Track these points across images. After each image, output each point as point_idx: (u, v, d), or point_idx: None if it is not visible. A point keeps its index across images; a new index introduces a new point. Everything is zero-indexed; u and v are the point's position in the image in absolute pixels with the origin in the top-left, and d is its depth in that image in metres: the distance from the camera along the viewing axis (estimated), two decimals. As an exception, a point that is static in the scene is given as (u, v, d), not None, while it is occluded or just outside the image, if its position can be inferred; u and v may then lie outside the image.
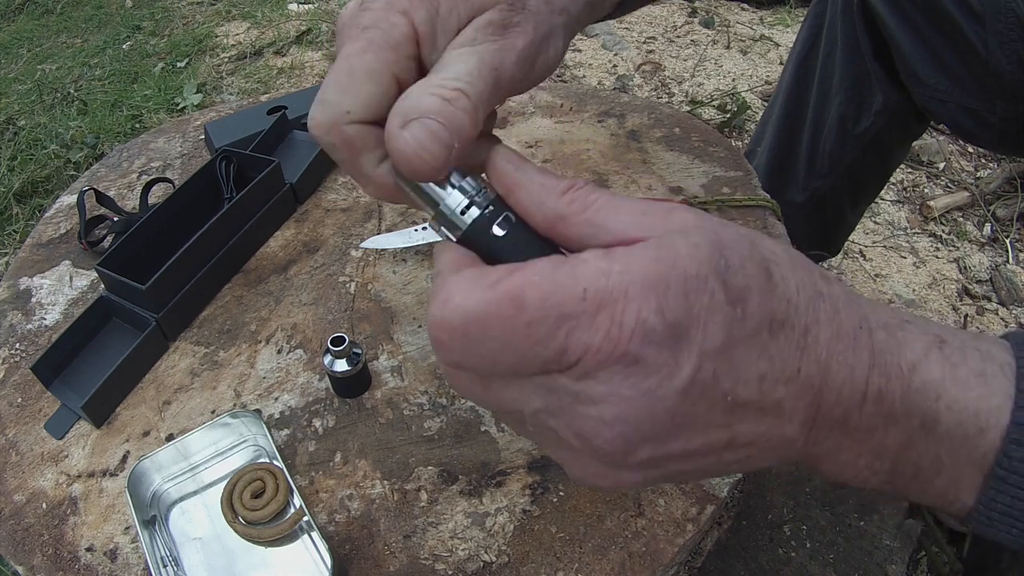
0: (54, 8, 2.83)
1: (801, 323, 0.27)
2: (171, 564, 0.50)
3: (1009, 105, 0.85)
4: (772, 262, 0.28)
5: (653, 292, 0.24)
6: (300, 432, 0.58)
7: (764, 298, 0.26)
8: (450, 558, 0.50)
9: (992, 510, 0.30)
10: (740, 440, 0.28)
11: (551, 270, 0.25)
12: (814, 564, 0.93)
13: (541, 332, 0.25)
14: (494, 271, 0.26)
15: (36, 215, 1.75)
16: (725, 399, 0.27)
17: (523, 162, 0.30)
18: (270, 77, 2.23)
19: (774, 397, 0.27)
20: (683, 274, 0.25)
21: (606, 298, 0.24)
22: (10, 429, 0.61)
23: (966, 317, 1.43)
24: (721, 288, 0.25)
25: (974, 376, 0.29)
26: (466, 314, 0.25)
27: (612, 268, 0.25)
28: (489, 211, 0.30)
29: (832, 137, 1.05)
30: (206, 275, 0.69)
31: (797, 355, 0.27)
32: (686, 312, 0.25)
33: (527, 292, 0.25)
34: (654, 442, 0.27)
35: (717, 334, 0.25)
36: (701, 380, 0.26)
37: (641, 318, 0.24)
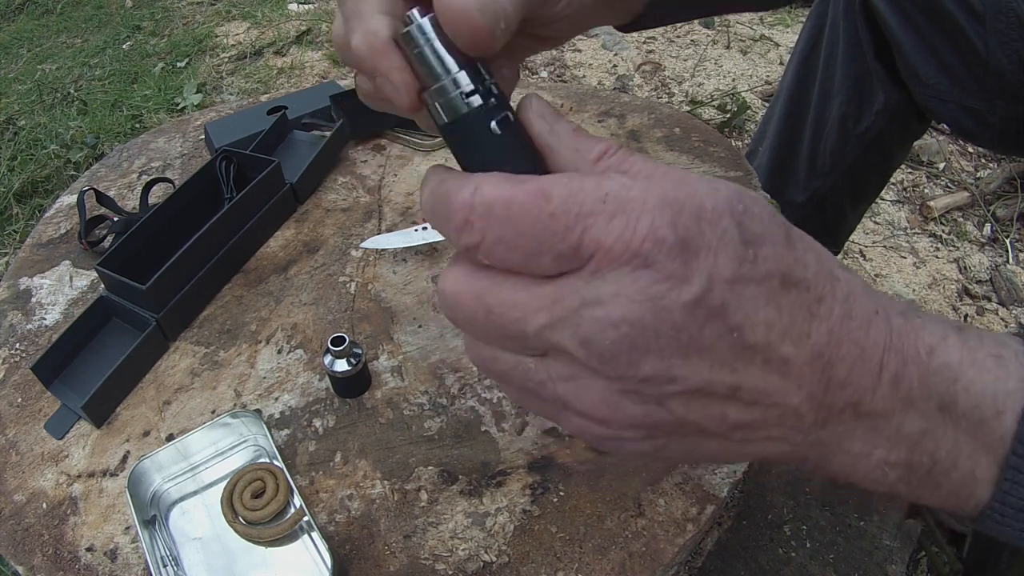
0: (54, 8, 2.83)
1: (815, 290, 0.28)
2: (171, 564, 0.50)
3: (1009, 105, 0.85)
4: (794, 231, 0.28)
5: (669, 208, 0.26)
6: (300, 432, 0.58)
7: (779, 249, 0.27)
8: (450, 558, 0.50)
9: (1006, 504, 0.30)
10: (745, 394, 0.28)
11: (579, 176, 0.27)
12: (814, 564, 0.93)
13: (561, 224, 0.26)
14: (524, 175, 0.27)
15: (36, 215, 1.75)
16: (731, 334, 0.27)
17: (556, 120, 0.30)
18: (270, 77, 2.23)
19: (781, 352, 0.27)
20: (699, 204, 0.26)
21: (624, 205, 0.26)
22: (10, 429, 0.61)
23: (966, 317, 1.43)
24: (735, 227, 0.26)
25: (991, 359, 0.29)
26: (496, 197, 0.27)
27: (634, 183, 0.26)
28: (492, 104, 0.29)
29: (833, 136, 1.06)
30: (206, 275, 0.69)
31: (808, 318, 0.28)
32: (698, 234, 0.26)
33: (554, 188, 0.26)
34: (658, 355, 0.27)
35: (727, 265, 0.26)
36: (709, 302, 0.26)
37: (654, 226, 0.25)
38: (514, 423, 0.57)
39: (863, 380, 0.29)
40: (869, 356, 0.29)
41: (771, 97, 1.19)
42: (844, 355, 0.28)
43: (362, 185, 0.83)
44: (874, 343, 0.29)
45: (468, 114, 0.29)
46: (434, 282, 0.70)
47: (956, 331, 0.30)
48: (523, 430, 0.56)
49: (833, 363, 0.28)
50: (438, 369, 0.62)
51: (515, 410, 0.58)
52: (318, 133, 0.89)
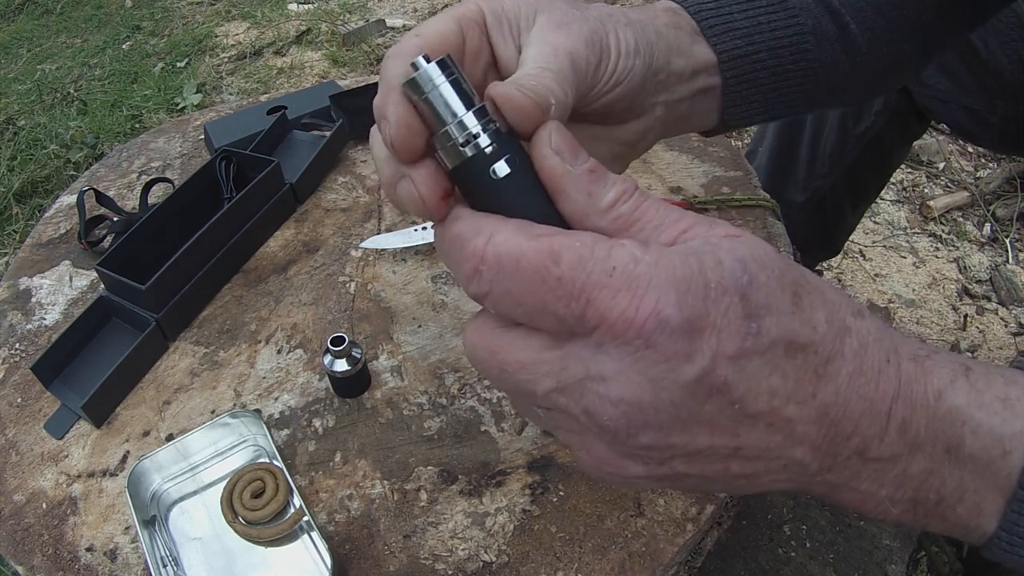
0: (54, 8, 2.83)
1: (824, 352, 0.28)
2: (171, 564, 0.50)
3: (1009, 105, 0.85)
4: (803, 288, 0.28)
5: (674, 288, 0.26)
6: (300, 432, 0.58)
7: (783, 319, 0.27)
8: (450, 558, 0.50)
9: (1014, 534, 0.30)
10: (747, 452, 0.29)
11: (591, 241, 0.27)
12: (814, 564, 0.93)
13: (566, 290, 0.26)
14: (537, 225, 0.27)
15: (36, 215, 1.75)
16: (733, 406, 0.27)
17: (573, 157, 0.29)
18: (270, 77, 2.23)
19: (784, 415, 0.28)
20: (705, 281, 0.26)
21: (631, 281, 0.26)
22: (10, 429, 0.61)
23: (966, 317, 1.43)
24: (740, 301, 0.26)
25: (999, 401, 0.30)
26: (507, 251, 0.27)
27: (643, 258, 0.26)
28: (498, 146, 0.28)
29: (833, 137, 1.06)
30: (206, 275, 0.69)
31: (813, 380, 0.28)
32: (702, 314, 0.26)
33: (565, 251, 0.26)
34: (657, 430, 0.28)
35: (731, 342, 0.26)
36: (710, 381, 0.26)
37: (658, 307, 0.26)
38: (514, 423, 0.57)
39: (870, 430, 0.29)
40: (878, 408, 0.29)
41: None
42: (851, 410, 0.29)
43: (362, 185, 0.83)
44: (883, 394, 0.29)
45: (475, 156, 0.28)
46: (433, 282, 0.70)
47: (964, 372, 0.30)
48: (523, 430, 0.56)
49: (839, 419, 0.29)
50: (438, 369, 0.62)
51: (515, 410, 0.58)
52: (318, 133, 0.89)
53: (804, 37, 0.49)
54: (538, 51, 0.33)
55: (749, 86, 0.48)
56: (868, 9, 0.51)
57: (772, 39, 0.48)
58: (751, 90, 0.49)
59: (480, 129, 0.28)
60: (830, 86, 0.52)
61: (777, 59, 0.48)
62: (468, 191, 0.30)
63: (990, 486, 0.30)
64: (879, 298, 1.48)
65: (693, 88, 0.46)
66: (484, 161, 0.28)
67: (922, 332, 1.41)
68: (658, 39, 0.42)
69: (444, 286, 0.69)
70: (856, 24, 0.50)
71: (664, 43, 0.43)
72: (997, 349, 1.38)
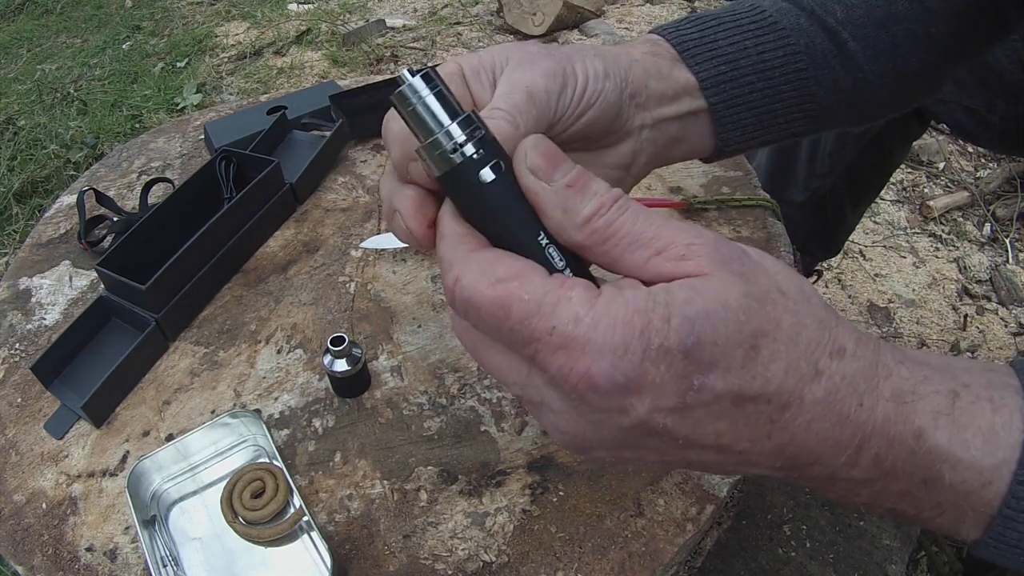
0: (54, 8, 2.83)
1: (779, 401, 0.28)
2: (171, 564, 0.50)
3: (1009, 105, 0.85)
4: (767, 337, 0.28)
5: (610, 353, 0.26)
6: (300, 432, 0.58)
7: (731, 374, 0.27)
8: (450, 558, 0.50)
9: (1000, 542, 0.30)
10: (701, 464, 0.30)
11: (541, 295, 0.28)
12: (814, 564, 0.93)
13: (516, 339, 0.28)
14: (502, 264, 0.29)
15: (36, 215, 1.75)
16: (677, 441, 0.29)
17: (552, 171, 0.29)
18: (270, 77, 2.23)
19: (736, 449, 0.29)
20: (645, 343, 0.26)
21: (568, 343, 0.27)
22: (10, 429, 0.61)
23: (966, 317, 1.43)
24: (682, 360, 0.27)
25: (982, 435, 0.30)
26: (469, 298, 0.29)
27: (584, 318, 0.27)
28: (482, 155, 0.29)
29: (832, 137, 1.06)
30: (206, 275, 0.69)
31: (767, 425, 0.28)
32: (638, 375, 0.27)
33: (513, 306, 0.28)
34: (607, 450, 0.30)
35: (670, 397, 0.27)
36: (649, 427, 0.28)
37: (589, 372, 0.27)
38: (514, 423, 0.57)
39: (836, 461, 0.29)
40: (842, 447, 0.29)
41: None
42: (811, 448, 0.29)
43: (362, 185, 0.83)
44: (849, 436, 0.29)
45: (461, 164, 0.29)
46: (433, 282, 0.70)
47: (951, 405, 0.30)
48: (523, 430, 0.56)
49: (798, 454, 0.29)
50: (438, 369, 0.62)
51: (515, 410, 0.58)
52: (318, 133, 0.89)
53: (797, 57, 0.49)
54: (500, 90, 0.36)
55: (741, 109, 0.49)
56: (870, 25, 0.50)
57: (760, 61, 0.48)
58: (743, 112, 0.49)
59: (465, 138, 0.29)
60: (833, 105, 0.52)
61: (767, 81, 0.49)
62: (455, 198, 0.31)
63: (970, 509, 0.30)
64: (879, 298, 1.48)
65: (680, 110, 0.47)
66: (469, 168, 0.29)
67: (922, 332, 1.41)
68: (632, 65, 0.43)
69: (444, 286, 0.69)
70: (855, 41, 0.50)
71: (640, 68, 0.44)
72: (997, 349, 1.38)
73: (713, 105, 0.48)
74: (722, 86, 0.47)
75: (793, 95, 0.50)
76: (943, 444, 0.29)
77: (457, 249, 0.30)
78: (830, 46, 0.50)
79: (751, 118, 0.49)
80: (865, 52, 0.51)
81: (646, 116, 0.45)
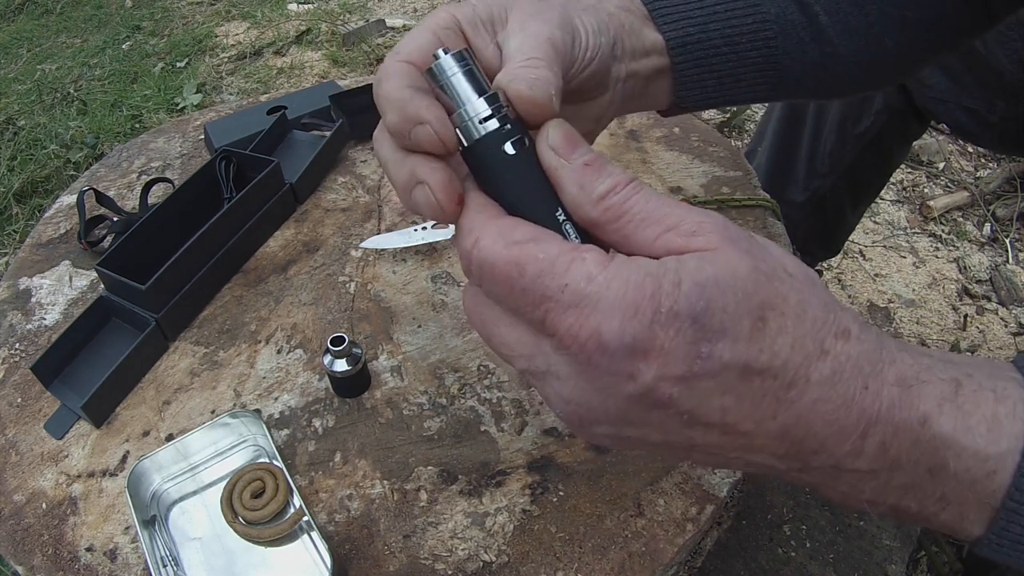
0: (54, 8, 2.83)
1: (784, 377, 0.28)
2: (171, 564, 0.50)
3: (1009, 105, 0.85)
4: (774, 310, 0.28)
5: (620, 312, 0.26)
6: (300, 432, 0.58)
7: (738, 344, 0.27)
8: (450, 558, 0.50)
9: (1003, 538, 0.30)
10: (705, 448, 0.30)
11: (555, 254, 0.28)
12: (814, 564, 0.93)
13: (528, 300, 0.28)
14: (520, 229, 0.29)
15: (36, 215, 1.75)
16: (682, 417, 0.28)
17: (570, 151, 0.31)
18: (270, 77, 2.23)
19: (740, 429, 0.29)
20: (655, 305, 0.26)
21: (579, 300, 0.27)
22: (10, 429, 0.61)
23: (966, 317, 1.43)
24: (691, 326, 0.26)
25: (986, 424, 0.30)
26: (485, 257, 0.29)
27: (596, 277, 0.27)
28: (507, 129, 0.31)
29: (832, 137, 1.06)
30: (206, 275, 0.69)
31: (773, 403, 0.28)
32: (648, 338, 0.26)
33: (528, 265, 0.28)
34: (609, 424, 0.30)
35: (677, 364, 0.27)
36: (655, 396, 0.27)
37: (599, 330, 0.27)
38: (513, 423, 0.57)
39: (840, 449, 0.29)
40: (848, 432, 0.29)
41: (771, 97, 1.19)
42: (816, 432, 0.29)
43: (362, 185, 0.83)
44: (855, 420, 0.29)
45: (483, 138, 0.31)
46: (433, 282, 0.70)
47: (954, 392, 0.30)
48: (523, 430, 0.56)
49: (803, 438, 0.29)
50: (438, 369, 0.62)
51: (514, 410, 0.58)
52: (318, 133, 0.89)
53: (766, 25, 0.49)
54: (521, 42, 0.35)
55: (704, 71, 0.50)
56: (843, 1, 0.51)
57: (728, 27, 0.49)
58: (706, 74, 0.50)
59: (490, 113, 0.31)
60: (799, 75, 0.52)
61: (733, 47, 0.49)
62: (477, 170, 0.32)
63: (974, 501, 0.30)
64: (879, 298, 1.48)
65: (648, 67, 0.48)
66: (493, 142, 0.31)
67: (922, 332, 1.41)
68: (610, 19, 0.44)
69: (444, 286, 0.69)
70: (827, 15, 0.51)
71: (616, 22, 0.45)
72: (997, 349, 1.38)
73: (677, 66, 0.49)
74: (688, 47, 0.48)
75: (759, 62, 0.50)
76: (948, 431, 0.29)
77: (477, 216, 0.30)
78: (801, 18, 0.51)
79: (713, 80, 0.50)
80: (836, 27, 0.51)
81: (621, 69, 0.46)
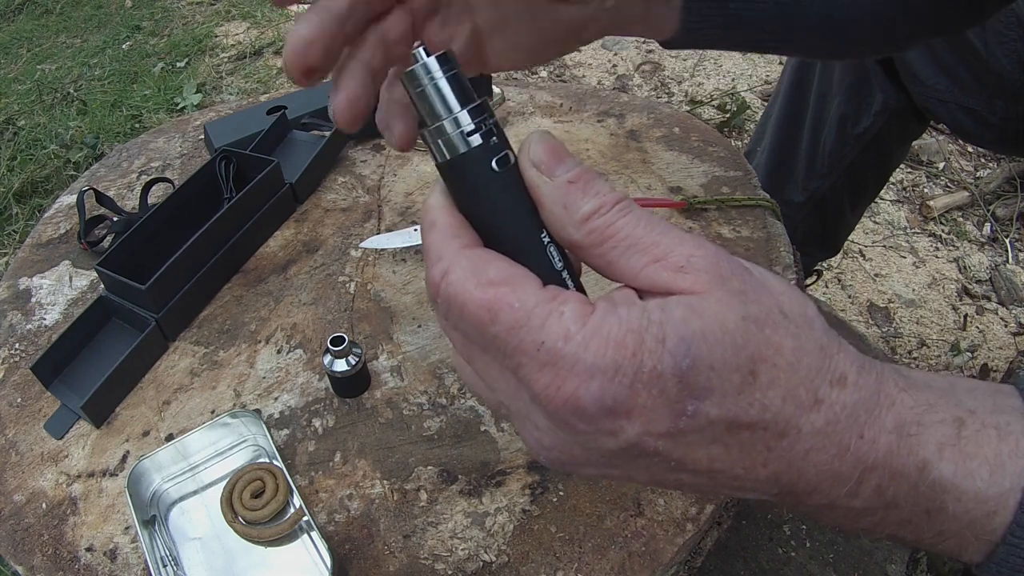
0: (54, 8, 2.83)
1: (775, 429, 0.27)
2: (171, 564, 0.50)
3: (1009, 105, 0.85)
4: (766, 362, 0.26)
5: (600, 374, 0.25)
6: (300, 432, 0.58)
7: (727, 400, 0.26)
8: (450, 558, 0.50)
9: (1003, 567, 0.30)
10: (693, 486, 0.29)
11: (532, 305, 0.26)
12: (814, 564, 0.93)
13: (500, 348, 0.27)
14: (494, 266, 0.27)
15: (36, 215, 1.75)
16: (669, 463, 0.27)
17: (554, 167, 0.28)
18: (270, 77, 2.23)
19: (730, 474, 0.28)
20: (637, 366, 0.25)
21: (555, 360, 0.25)
22: (10, 429, 0.61)
23: (966, 317, 1.44)
24: (676, 384, 0.25)
25: (988, 465, 0.29)
26: (456, 294, 0.27)
27: (574, 336, 0.25)
28: (492, 144, 0.28)
29: (832, 137, 1.05)
30: (206, 275, 0.69)
31: (763, 452, 0.27)
32: (628, 398, 0.25)
33: (502, 312, 0.26)
34: (594, 467, 0.29)
35: (662, 422, 0.26)
36: (640, 448, 0.26)
37: (576, 394, 0.25)
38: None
39: (834, 491, 0.28)
40: (843, 479, 0.28)
41: (770, 97, 1.19)
42: (809, 479, 0.28)
43: (361, 185, 0.83)
44: (851, 468, 0.28)
45: (466, 153, 0.28)
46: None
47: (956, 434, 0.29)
48: (523, 430, 0.57)
49: (795, 482, 0.28)
50: (438, 369, 0.62)
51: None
52: (318, 133, 0.89)
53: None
54: None
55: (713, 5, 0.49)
56: None
57: None
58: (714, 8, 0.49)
59: (474, 127, 0.28)
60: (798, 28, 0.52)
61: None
62: (455, 187, 0.29)
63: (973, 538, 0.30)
64: (879, 298, 1.48)
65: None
66: (479, 158, 0.28)
67: (922, 332, 1.42)
68: None
69: (444, 286, 0.69)
70: None
71: None
72: (997, 349, 1.38)
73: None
74: None
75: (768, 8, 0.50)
76: (948, 476, 0.29)
77: (449, 243, 0.28)
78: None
79: (720, 16, 0.49)
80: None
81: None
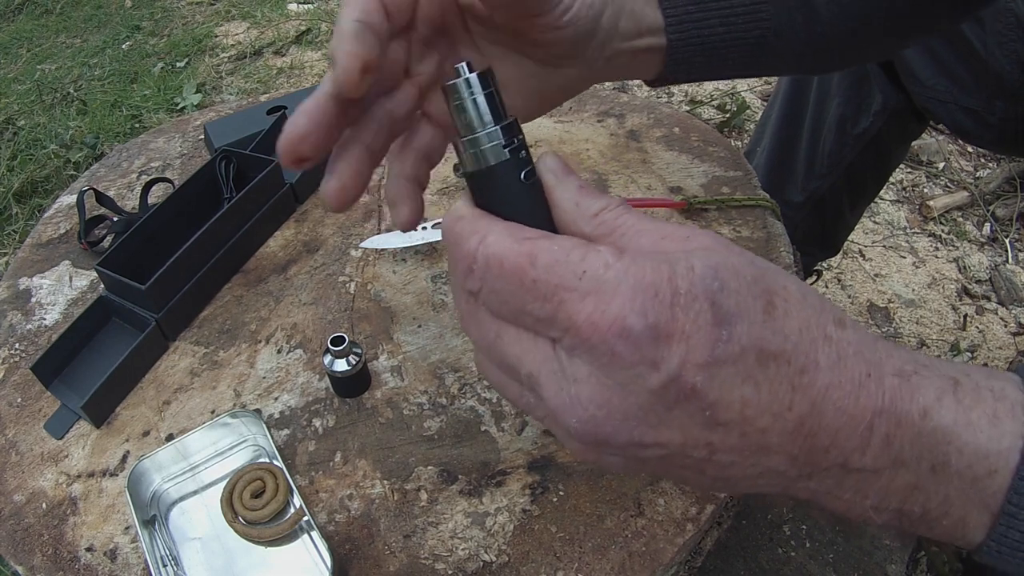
0: (54, 8, 2.83)
1: (797, 362, 0.28)
2: (171, 564, 0.50)
3: (1009, 105, 0.85)
4: (778, 296, 0.28)
5: (641, 294, 0.26)
6: (300, 432, 0.58)
7: (754, 326, 0.27)
8: (450, 558, 0.50)
9: (1003, 545, 0.30)
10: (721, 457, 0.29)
11: (569, 246, 0.28)
12: (814, 564, 0.94)
13: (540, 292, 0.27)
14: (528, 229, 0.29)
15: (36, 215, 1.75)
16: (704, 412, 0.27)
17: (566, 175, 0.31)
18: (270, 77, 2.23)
19: (758, 425, 0.28)
20: (674, 288, 0.26)
21: (598, 286, 0.26)
22: (10, 429, 0.61)
23: (966, 317, 1.43)
24: (709, 308, 0.26)
25: (986, 419, 0.30)
26: (494, 252, 0.28)
27: (615, 264, 0.27)
28: (521, 158, 0.31)
29: (831, 137, 1.06)
30: (206, 275, 0.69)
31: (789, 391, 0.28)
32: (670, 320, 0.26)
33: (541, 254, 0.28)
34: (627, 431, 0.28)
35: (700, 349, 0.26)
36: (679, 387, 0.27)
37: (622, 314, 0.26)
38: (514, 423, 0.57)
39: (849, 443, 0.29)
40: (857, 422, 0.29)
41: (770, 97, 1.19)
42: (828, 423, 0.28)
43: (362, 185, 0.83)
44: (863, 408, 0.29)
45: (498, 165, 0.31)
46: (433, 282, 0.70)
47: (952, 388, 0.30)
48: (523, 430, 0.57)
49: (816, 432, 0.29)
50: (438, 369, 0.62)
51: (515, 410, 0.58)
52: (318, 133, 0.89)
53: (761, 6, 0.49)
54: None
55: (695, 50, 0.50)
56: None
57: (727, 6, 0.49)
58: (696, 52, 0.50)
59: (506, 142, 0.31)
60: (782, 54, 0.53)
61: (728, 26, 0.49)
62: (481, 194, 0.32)
63: (976, 502, 0.30)
64: (879, 298, 1.48)
65: (635, 47, 0.48)
66: (510, 170, 0.31)
67: (922, 332, 1.42)
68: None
69: (444, 286, 0.69)
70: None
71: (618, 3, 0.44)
72: (997, 349, 1.38)
73: (671, 43, 0.49)
74: (684, 25, 0.48)
75: (750, 42, 0.50)
76: (948, 424, 0.29)
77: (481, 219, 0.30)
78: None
79: (701, 58, 0.50)
80: (830, 7, 0.51)
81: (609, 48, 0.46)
